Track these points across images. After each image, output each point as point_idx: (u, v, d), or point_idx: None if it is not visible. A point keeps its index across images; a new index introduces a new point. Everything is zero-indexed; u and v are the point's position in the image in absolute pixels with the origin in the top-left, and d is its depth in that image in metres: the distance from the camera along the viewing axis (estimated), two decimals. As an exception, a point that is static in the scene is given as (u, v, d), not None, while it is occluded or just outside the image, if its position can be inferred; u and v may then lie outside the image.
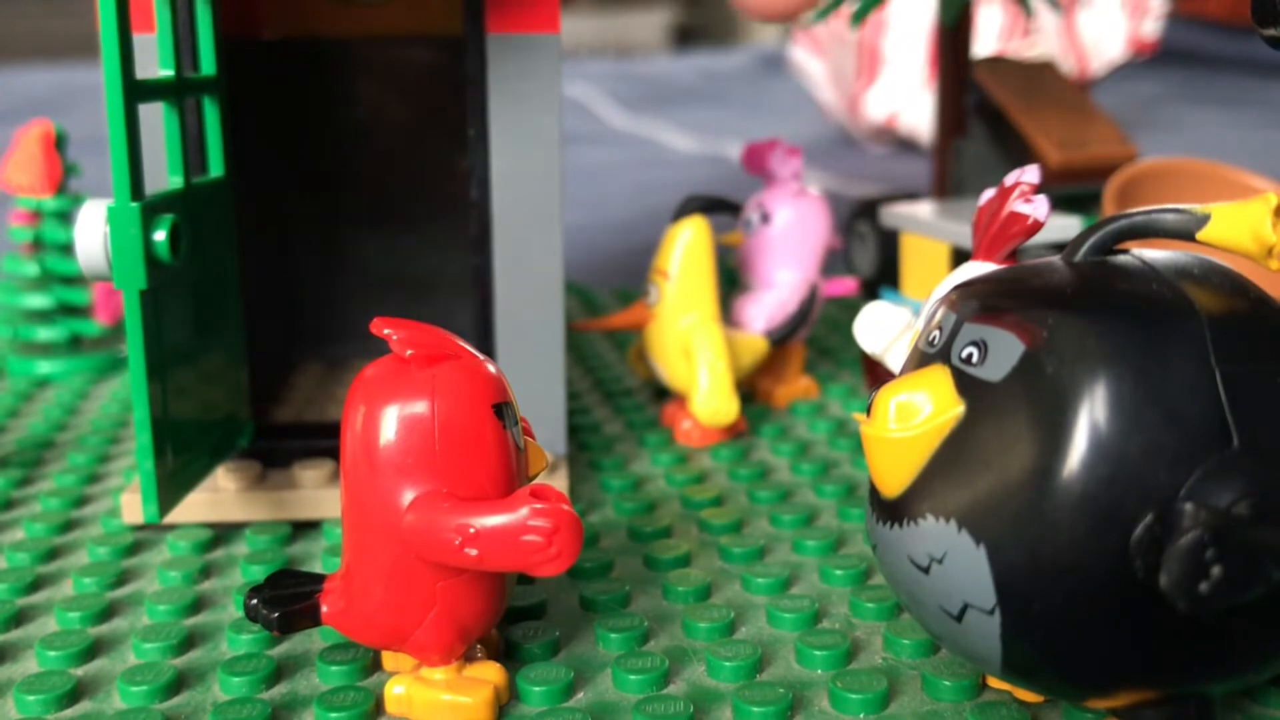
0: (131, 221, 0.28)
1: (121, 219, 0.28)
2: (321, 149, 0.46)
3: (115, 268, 0.28)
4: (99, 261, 0.29)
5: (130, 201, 0.28)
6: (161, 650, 0.28)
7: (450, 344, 0.25)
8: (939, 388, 0.23)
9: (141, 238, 0.28)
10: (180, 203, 0.30)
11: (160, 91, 0.30)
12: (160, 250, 0.29)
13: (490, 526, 0.23)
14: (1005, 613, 0.21)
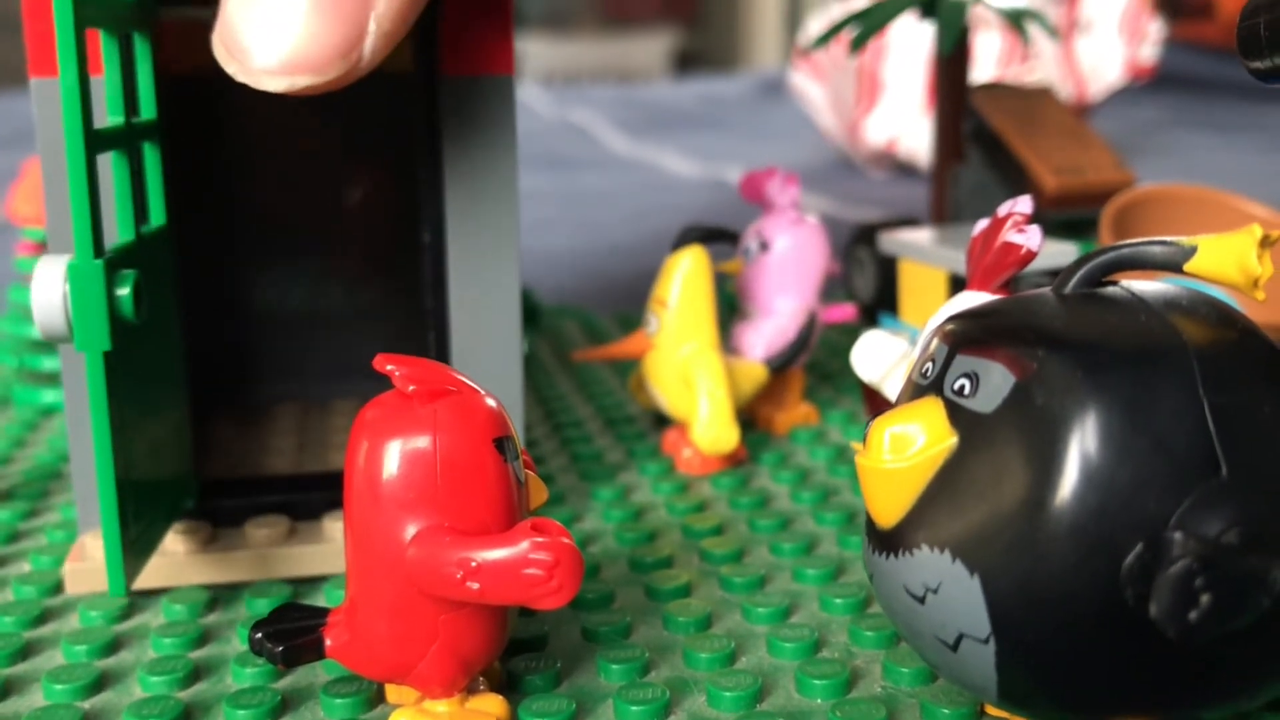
0: (95, 279, 0.27)
1: (84, 276, 0.27)
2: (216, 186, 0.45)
3: (77, 328, 0.27)
4: (58, 322, 0.27)
5: (93, 258, 0.27)
6: (168, 684, 0.28)
7: (451, 379, 0.26)
8: (932, 419, 0.23)
9: (105, 296, 0.27)
10: (135, 256, 0.29)
11: (114, 140, 0.29)
12: (124, 308, 0.27)
13: (492, 560, 0.24)
14: (1000, 642, 0.22)
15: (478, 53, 0.34)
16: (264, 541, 0.33)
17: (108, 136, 0.28)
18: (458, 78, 0.34)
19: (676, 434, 0.42)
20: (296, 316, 0.48)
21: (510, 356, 0.36)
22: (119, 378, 0.28)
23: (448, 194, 0.34)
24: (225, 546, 0.33)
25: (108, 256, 0.27)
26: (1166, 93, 1.46)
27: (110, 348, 0.27)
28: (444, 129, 0.34)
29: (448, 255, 0.35)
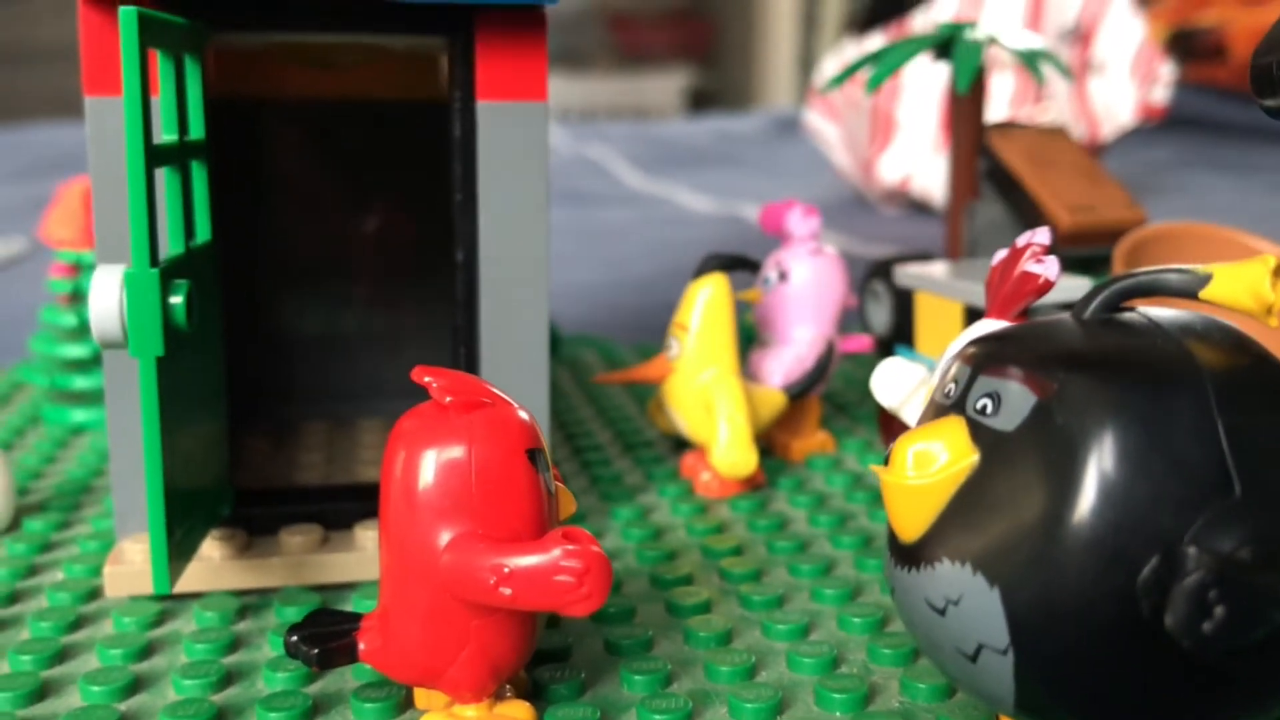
0: (150, 287, 0.28)
1: (140, 285, 0.28)
2: (247, 210, 0.46)
3: (132, 335, 0.28)
4: (114, 329, 0.28)
5: (149, 267, 0.28)
6: (201, 687, 0.29)
7: (486, 392, 0.26)
8: (955, 437, 0.24)
9: (160, 304, 0.28)
10: (185, 268, 0.30)
11: (169, 156, 0.30)
12: (177, 316, 0.29)
13: (524, 567, 0.24)
14: (1018, 652, 0.22)
15: (512, 80, 0.35)
16: (297, 548, 0.34)
17: (164, 152, 0.29)
18: (493, 103, 0.35)
19: (695, 458, 0.43)
20: (322, 339, 0.49)
21: (537, 373, 0.37)
22: (167, 385, 0.29)
23: (481, 215, 0.35)
24: (260, 553, 0.34)
25: (162, 266, 0.28)
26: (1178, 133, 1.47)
27: (163, 353, 0.28)
28: (479, 153, 0.35)
29: (479, 274, 0.36)
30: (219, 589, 0.34)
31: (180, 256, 0.31)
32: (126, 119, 0.27)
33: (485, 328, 0.36)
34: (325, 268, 0.49)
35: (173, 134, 0.31)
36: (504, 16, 0.34)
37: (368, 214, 0.49)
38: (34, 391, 0.55)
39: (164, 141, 0.30)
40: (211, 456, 0.34)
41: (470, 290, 0.36)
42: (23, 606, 0.34)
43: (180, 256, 0.31)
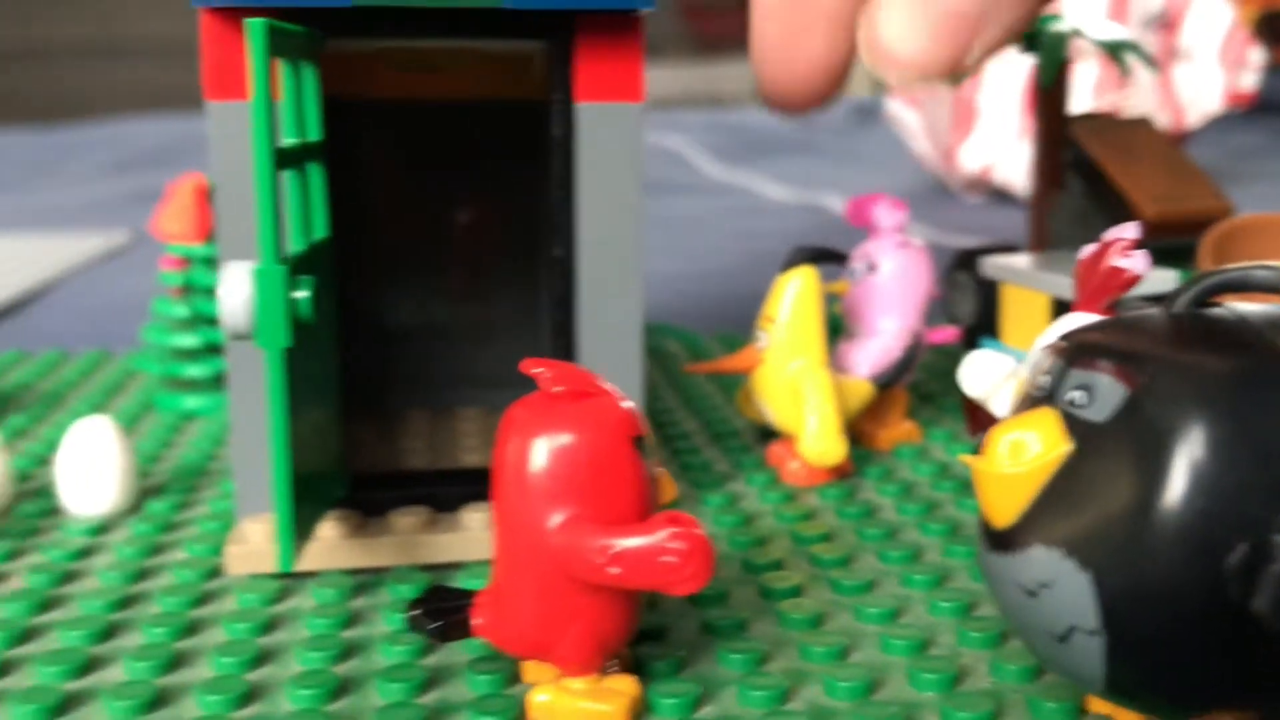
0: (277, 282, 0.30)
1: (268, 280, 0.30)
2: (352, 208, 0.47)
3: (260, 327, 0.30)
4: (243, 321, 0.30)
5: (276, 263, 0.30)
6: (323, 659, 0.31)
7: (593, 383, 0.28)
8: (1047, 427, 0.25)
9: (286, 298, 0.30)
10: (307, 263, 0.32)
11: (292, 158, 0.32)
12: (302, 309, 0.30)
13: (631, 547, 0.26)
14: (1109, 634, 0.23)
15: (610, 81, 0.36)
16: (408, 529, 0.36)
17: (287, 154, 0.31)
18: (591, 104, 0.36)
19: (782, 447, 0.44)
20: (417, 331, 0.50)
21: (632, 365, 0.38)
22: (291, 374, 0.31)
23: (580, 212, 0.37)
24: (372, 534, 0.36)
25: (287, 262, 0.30)
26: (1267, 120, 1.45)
27: (289, 345, 0.30)
28: (577, 152, 0.36)
29: (578, 269, 0.37)
30: (334, 568, 0.35)
31: (302, 253, 0.32)
32: (254, 124, 0.29)
33: (582, 321, 0.38)
34: (420, 262, 0.50)
35: (293, 137, 0.33)
36: (603, 20, 0.36)
37: (460, 210, 0.51)
38: (146, 379, 0.58)
39: (287, 144, 0.32)
40: (327, 442, 0.35)
41: (568, 284, 0.38)
42: (150, 583, 0.36)
43: (302, 253, 0.32)
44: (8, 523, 0.40)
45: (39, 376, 0.59)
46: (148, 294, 0.79)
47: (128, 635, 0.32)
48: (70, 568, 0.36)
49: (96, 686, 0.30)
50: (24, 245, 0.97)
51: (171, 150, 1.59)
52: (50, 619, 0.33)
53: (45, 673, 0.30)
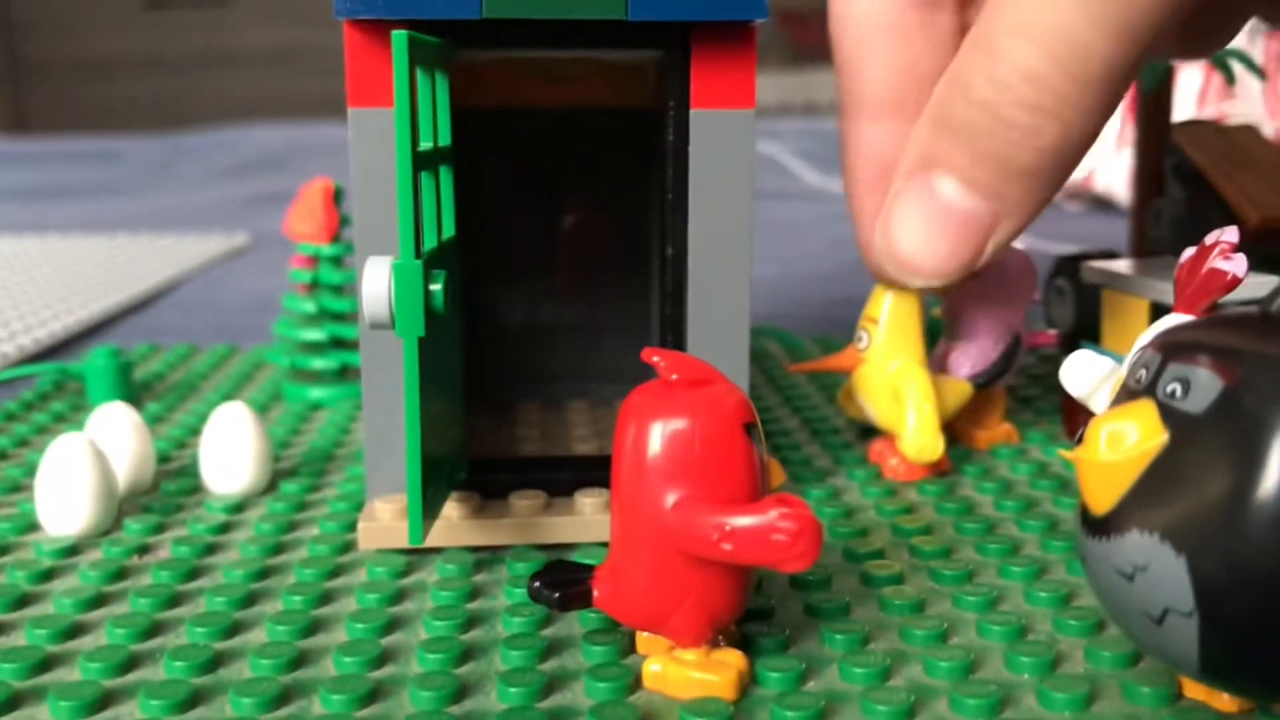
0: (415, 276, 0.32)
1: (406, 274, 0.32)
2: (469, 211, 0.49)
3: (398, 318, 0.32)
4: (383, 312, 0.32)
5: (414, 258, 0.32)
6: (449, 628, 0.33)
7: (708, 371, 0.30)
8: (1146, 418, 0.26)
9: (422, 291, 0.32)
10: (440, 259, 0.35)
11: (428, 161, 0.34)
12: (436, 301, 0.33)
13: (744, 526, 0.27)
14: (1203, 616, 0.24)
15: (723, 89, 0.38)
16: (524, 511, 0.38)
17: (424, 158, 0.33)
18: (705, 111, 0.38)
19: (883, 444, 0.46)
20: (534, 327, 0.53)
21: (740, 360, 0.40)
22: (424, 362, 0.33)
23: (691, 214, 0.39)
24: (491, 515, 0.38)
25: (424, 258, 0.32)
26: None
27: (425, 334, 0.32)
28: (691, 157, 0.38)
29: (688, 268, 0.39)
30: (456, 545, 0.38)
31: (435, 250, 0.35)
32: (397, 129, 0.31)
33: (691, 318, 0.39)
34: (532, 262, 0.52)
35: (429, 141, 0.35)
36: (718, 30, 0.37)
37: (570, 212, 0.53)
38: (272, 371, 0.61)
39: (424, 148, 0.34)
40: (452, 427, 0.38)
41: (679, 283, 0.40)
42: (288, 556, 0.38)
43: (435, 250, 0.35)
44: (153, 499, 0.43)
45: (170, 368, 0.62)
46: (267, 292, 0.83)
47: (268, 602, 0.35)
48: (212, 540, 0.39)
49: (243, 647, 0.32)
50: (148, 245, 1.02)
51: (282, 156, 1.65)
52: (197, 586, 0.36)
53: (195, 633, 0.33)
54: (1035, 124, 0.34)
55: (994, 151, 0.35)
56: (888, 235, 0.38)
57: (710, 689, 0.29)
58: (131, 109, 2.86)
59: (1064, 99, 0.34)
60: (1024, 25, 0.34)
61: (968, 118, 0.35)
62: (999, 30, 0.34)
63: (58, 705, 0.29)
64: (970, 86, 0.35)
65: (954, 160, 0.36)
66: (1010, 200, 0.36)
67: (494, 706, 0.29)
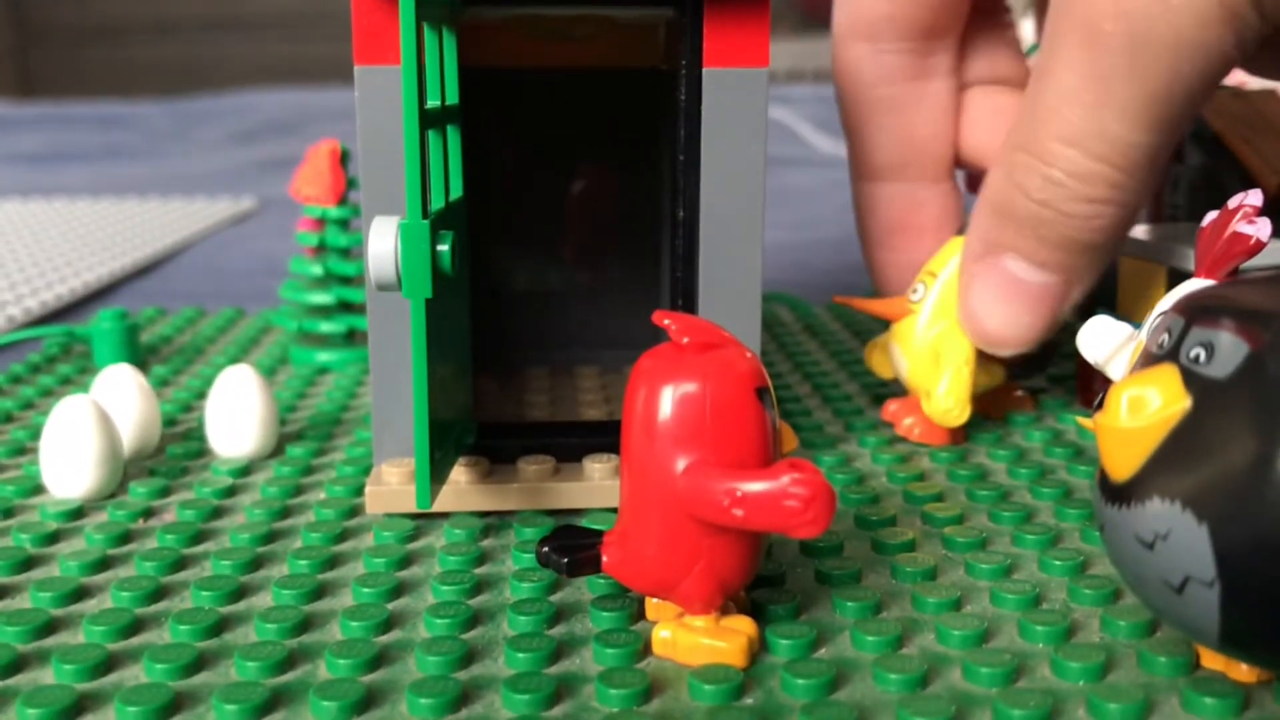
0: (422, 236, 0.31)
1: (413, 234, 0.31)
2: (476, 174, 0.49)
3: (405, 278, 0.31)
4: (389, 273, 0.32)
5: (421, 219, 0.31)
6: (457, 592, 0.32)
7: (720, 334, 0.29)
8: (1168, 384, 0.25)
9: (429, 251, 0.31)
10: (447, 220, 0.34)
11: (435, 119, 0.34)
12: (444, 262, 0.32)
13: (755, 491, 0.27)
14: (1224, 585, 0.24)
15: (736, 47, 0.37)
16: (533, 476, 0.38)
17: (432, 116, 0.33)
18: (718, 70, 0.37)
19: (900, 404, 0.45)
20: (543, 292, 0.52)
21: (751, 323, 0.39)
22: (432, 324, 0.32)
23: (703, 175, 0.38)
24: (499, 480, 0.37)
25: (431, 219, 0.31)
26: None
27: (432, 295, 0.31)
28: (703, 117, 0.37)
29: (700, 231, 0.38)
30: (464, 510, 0.37)
31: (442, 210, 0.34)
32: (404, 87, 0.31)
33: (703, 281, 0.39)
34: (540, 226, 0.52)
35: (436, 100, 0.34)
36: (731, -13, 0.36)
37: (578, 175, 0.52)
38: (278, 334, 0.60)
39: (430, 107, 0.34)
40: (460, 391, 0.37)
41: (691, 246, 0.39)
42: (294, 520, 0.38)
43: (442, 210, 0.34)
44: (159, 462, 0.43)
45: (177, 331, 0.62)
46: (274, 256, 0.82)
47: (274, 566, 0.35)
48: (218, 504, 0.39)
49: (248, 611, 0.32)
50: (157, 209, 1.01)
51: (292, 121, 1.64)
52: (203, 549, 0.36)
53: (200, 597, 0.32)
54: (1093, 211, 0.38)
55: (1059, 236, 0.38)
56: (973, 316, 0.41)
57: (720, 656, 0.28)
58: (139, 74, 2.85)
59: (1116, 186, 0.37)
60: (1068, 132, 0.37)
61: (1030, 211, 0.38)
62: (1045, 136, 0.37)
63: (62, 668, 0.28)
64: (1027, 187, 0.38)
65: (1022, 245, 0.39)
66: (1078, 270, 0.39)
67: (502, 672, 0.29)
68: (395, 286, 0.32)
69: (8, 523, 0.38)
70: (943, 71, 0.45)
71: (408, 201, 0.31)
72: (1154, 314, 0.33)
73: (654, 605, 0.31)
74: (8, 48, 2.93)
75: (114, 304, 0.70)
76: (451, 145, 0.36)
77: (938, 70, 0.45)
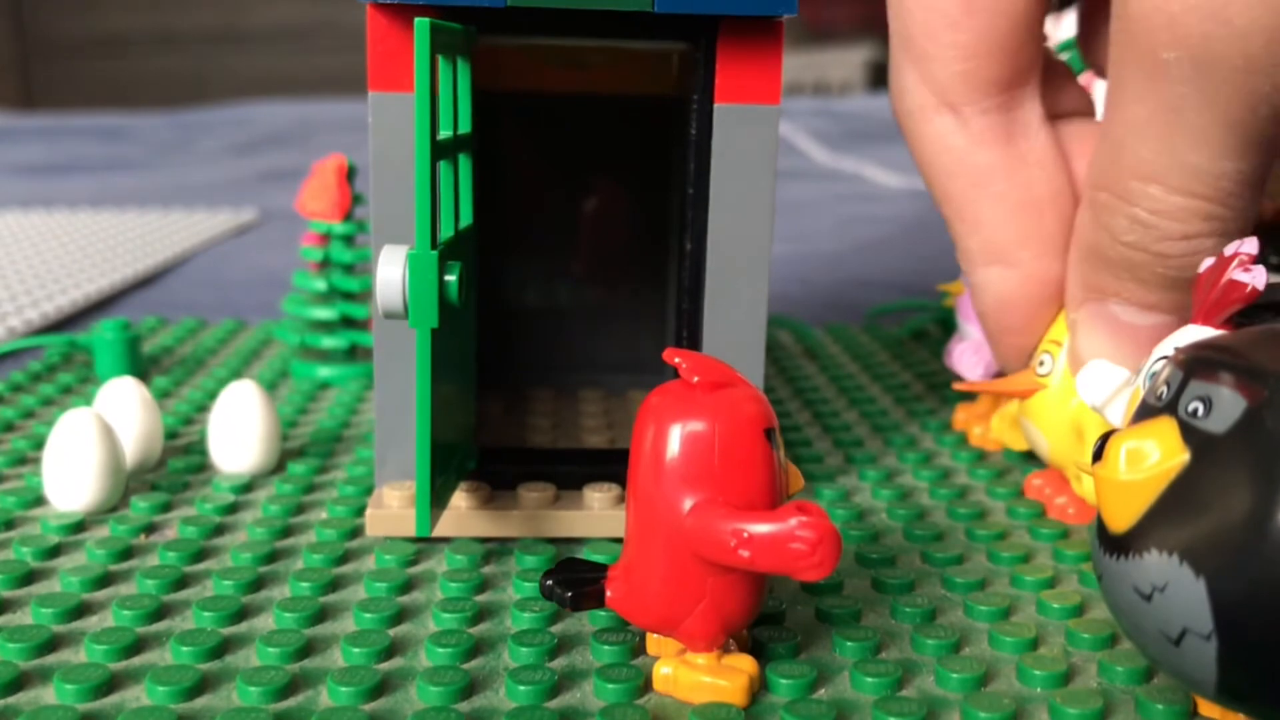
0: (430, 267, 0.31)
1: (421, 265, 0.31)
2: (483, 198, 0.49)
3: (412, 308, 0.32)
4: (396, 302, 0.32)
5: (430, 249, 0.32)
6: (458, 620, 0.33)
7: (729, 374, 0.29)
8: (1166, 437, 0.26)
9: (437, 282, 0.32)
10: (456, 249, 0.34)
11: (447, 150, 0.34)
12: (451, 292, 0.32)
13: (762, 533, 0.27)
14: (1221, 639, 0.24)
15: (749, 84, 0.37)
16: (534, 504, 0.38)
17: (444, 146, 0.33)
18: (729, 105, 0.38)
19: (1046, 479, 0.42)
20: (549, 315, 0.52)
21: (755, 358, 0.39)
22: (437, 352, 0.32)
23: (711, 209, 0.38)
24: (500, 506, 0.38)
25: (440, 249, 0.32)
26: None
27: (438, 325, 0.32)
28: (713, 151, 0.38)
29: (706, 263, 0.39)
30: (464, 535, 0.37)
31: (451, 239, 0.34)
32: (417, 118, 0.31)
33: (708, 314, 0.39)
34: (548, 249, 0.52)
35: (448, 129, 0.35)
36: (745, 24, 0.37)
37: (588, 200, 0.53)
38: (279, 348, 0.60)
39: (443, 137, 0.34)
40: (463, 413, 0.37)
41: (696, 278, 0.39)
42: (296, 539, 0.38)
43: (451, 239, 0.34)
44: (161, 476, 0.43)
45: (178, 342, 0.62)
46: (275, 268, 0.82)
47: (275, 587, 0.35)
48: (220, 521, 0.39)
49: (250, 634, 0.32)
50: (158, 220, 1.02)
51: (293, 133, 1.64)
52: (205, 567, 0.36)
53: (202, 617, 0.32)
54: (1189, 247, 0.35)
55: (1158, 277, 0.36)
56: (1077, 348, 0.39)
57: (721, 694, 0.29)
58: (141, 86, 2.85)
59: (1209, 218, 0.35)
60: (1145, 170, 0.34)
61: (1124, 255, 0.36)
62: (1123, 175, 0.35)
63: (63, 688, 0.29)
64: (1114, 229, 0.36)
65: (1124, 290, 0.37)
66: (1188, 305, 0.35)
67: (503, 704, 0.29)
68: (402, 315, 0.32)
69: (9, 535, 0.38)
70: (1037, 121, 0.40)
71: (417, 231, 0.31)
72: (1152, 359, 0.33)
73: (655, 640, 0.31)
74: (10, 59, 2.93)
75: (115, 315, 0.70)
76: (463, 174, 0.36)
77: (1032, 120, 0.40)
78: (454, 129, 0.35)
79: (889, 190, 1.18)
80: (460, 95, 0.36)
